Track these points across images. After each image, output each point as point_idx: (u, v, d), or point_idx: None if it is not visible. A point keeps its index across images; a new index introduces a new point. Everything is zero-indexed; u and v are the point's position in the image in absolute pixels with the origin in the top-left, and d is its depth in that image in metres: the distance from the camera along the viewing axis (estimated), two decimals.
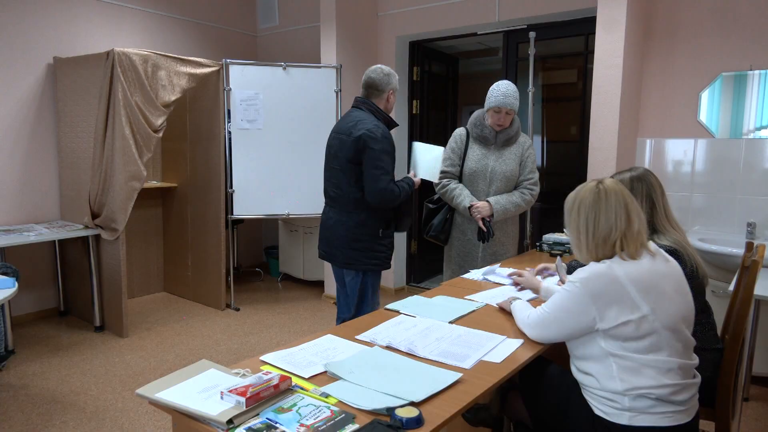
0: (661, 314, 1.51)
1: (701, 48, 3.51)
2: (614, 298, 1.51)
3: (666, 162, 3.71)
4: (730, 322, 2.02)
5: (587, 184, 1.67)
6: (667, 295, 1.55)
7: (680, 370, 1.53)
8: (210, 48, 5.45)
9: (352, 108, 2.83)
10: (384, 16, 4.95)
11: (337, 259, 2.81)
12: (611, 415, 1.53)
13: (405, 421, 1.23)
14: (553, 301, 1.66)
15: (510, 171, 2.96)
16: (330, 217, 2.81)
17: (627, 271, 1.53)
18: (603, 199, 1.60)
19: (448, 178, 3.02)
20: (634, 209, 1.61)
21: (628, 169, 2.09)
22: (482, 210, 2.88)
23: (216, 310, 4.60)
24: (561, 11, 3.98)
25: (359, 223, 2.71)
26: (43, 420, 2.80)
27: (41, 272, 4.34)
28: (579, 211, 1.63)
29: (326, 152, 2.84)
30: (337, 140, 2.73)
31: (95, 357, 3.59)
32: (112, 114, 3.78)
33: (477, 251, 3.02)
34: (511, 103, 2.85)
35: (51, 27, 4.24)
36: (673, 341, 1.53)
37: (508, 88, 2.86)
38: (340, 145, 2.71)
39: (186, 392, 1.35)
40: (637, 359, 1.50)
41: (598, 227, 1.59)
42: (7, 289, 2.62)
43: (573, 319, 1.58)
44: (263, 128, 4.51)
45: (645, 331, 1.50)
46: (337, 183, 2.74)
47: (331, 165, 2.77)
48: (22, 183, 4.17)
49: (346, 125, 2.71)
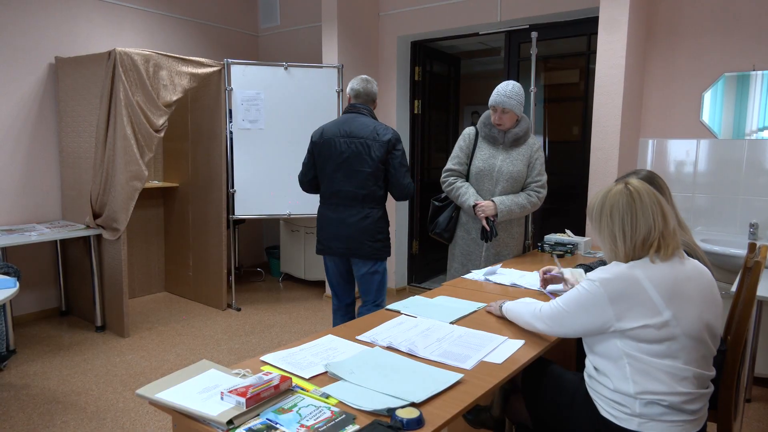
0: (683, 321, 1.46)
1: (704, 48, 3.50)
2: (634, 301, 1.47)
3: (668, 162, 3.70)
4: (732, 323, 2.01)
5: (614, 187, 1.59)
6: (692, 301, 1.49)
7: (695, 380, 1.49)
8: (211, 48, 5.45)
9: (354, 114, 2.99)
10: (385, 16, 4.95)
11: (362, 252, 2.98)
12: (620, 420, 1.49)
13: (405, 422, 1.23)
14: (569, 297, 1.61)
15: (517, 172, 2.94)
16: (351, 214, 2.96)
17: (651, 274, 1.48)
18: (637, 199, 1.53)
19: (455, 176, 3.02)
20: (666, 207, 1.55)
21: (632, 172, 2.07)
22: (486, 209, 2.86)
23: (217, 310, 4.60)
24: (563, 11, 3.97)
25: (381, 217, 3.01)
26: (44, 420, 2.80)
27: (43, 272, 4.35)
28: (612, 215, 1.55)
29: (333, 155, 2.95)
30: (357, 144, 2.91)
31: (96, 357, 3.60)
32: (113, 114, 3.78)
33: (480, 251, 3.01)
34: (505, 102, 2.82)
35: (52, 27, 4.25)
36: (691, 349, 1.48)
37: (507, 88, 2.84)
38: (364, 149, 2.90)
39: (186, 392, 1.34)
40: (652, 363, 1.46)
41: (637, 230, 1.52)
42: (8, 289, 2.62)
43: (588, 318, 1.54)
44: (264, 128, 4.51)
45: (664, 336, 1.45)
46: (362, 183, 2.93)
47: (354, 167, 2.92)
48: (24, 183, 4.18)
49: (366, 130, 2.91)
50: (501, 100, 2.83)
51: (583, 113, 4.19)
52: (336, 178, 2.96)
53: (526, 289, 2.36)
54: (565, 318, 1.61)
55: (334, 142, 2.93)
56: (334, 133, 2.94)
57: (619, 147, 3.37)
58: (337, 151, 2.93)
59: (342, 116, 3.05)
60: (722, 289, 3.02)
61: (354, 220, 2.96)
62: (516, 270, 2.68)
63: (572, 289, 1.63)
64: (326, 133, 2.98)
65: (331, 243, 3.03)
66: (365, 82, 3.04)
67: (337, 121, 3.03)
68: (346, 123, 2.96)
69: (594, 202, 1.62)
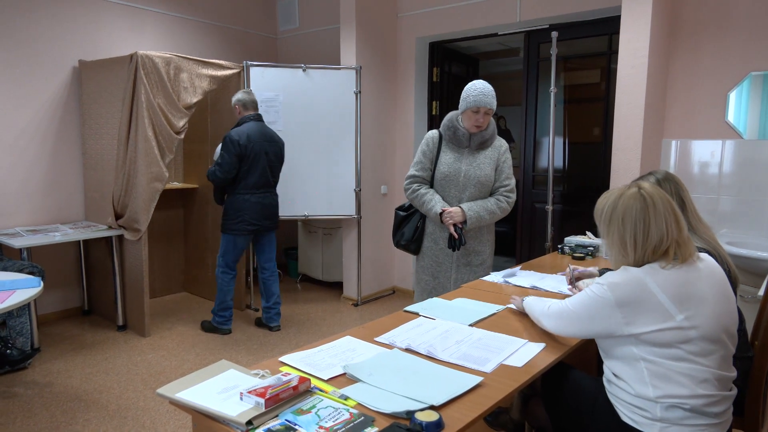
0: (699, 323, 1.43)
1: (729, 46, 3.43)
2: (643, 307, 1.44)
3: (692, 164, 3.63)
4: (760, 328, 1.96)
5: (627, 190, 1.54)
6: (706, 302, 1.46)
7: (717, 382, 1.46)
8: (231, 50, 5.50)
9: (258, 122, 3.87)
10: (404, 17, 4.94)
11: (273, 225, 4.04)
12: (641, 425, 1.47)
13: (425, 425, 1.21)
14: (578, 299, 1.59)
15: (485, 176, 2.77)
16: (270, 196, 3.98)
17: (660, 279, 1.45)
18: (651, 206, 1.49)
19: (418, 182, 2.85)
20: (680, 213, 1.52)
21: (648, 173, 2.03)
22: (454, 216, 2.70)
23: (235, 311, 4.62)
24: (584, 10, 3.92)
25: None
26: (67, 417, 2.84)
27: (66, 272, 4.42)
28: (623, 221, 1.51)
29: (258, 154, 3.81)
30: (274, 146, 3.92)
31: (118, 356, 3.64)
32: (135, 116, 3.83)
33: (451, 261, 2.85)
34: (489, 102, 2.69)
35: (76, 31, 4.33)
36: (710, 351, 1.45)
37: (486, 87, 2.72)
38: (277, 149, 3.96)
39: (206, 392, 1.35)
40: (671, 366, 1.43)
41: (649, 237, 1.48)
42: (32, 289, 2.66)
43: (595, 321, 1.53)
44: (283, 129, 4.53)
45: (679, 339, 1.42)
46: (274, 173, 3.98)
47: (272, 163, 3.92)
48: (48, 184, 4.26)
49: (273, 136, 3.95)
50: (487, 100, 2.69)
51: (605, 114, 4.13)
52: (258, 172, 3.82)
53: (546, 291, 2.33)
54: (572, 318, 1.60)
55: (261, 144, 3.81)
56: (259, 138, 3.80)
57: (641, 148, 3.31)
58: (263, 153, 3.83)
59: (254, 123, 3.83)
60: (749, 293, 2.97)
61: (273, 201, 4.00)
62: (536, 272, 2.65)
63: (582, 291, 1.61)
64: (252, 138, 3.77)
65: (257, 221, 3.88)
66: (249, 94, 3.93)
67: (254, 128, 3.81)
68: (260, 130, 3.84)
69: (604, 205, 1.57)
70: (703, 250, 1.81)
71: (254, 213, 3.85)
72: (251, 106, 3.88)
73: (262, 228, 3.93)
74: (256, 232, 3.94)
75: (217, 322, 4.05)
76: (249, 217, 3.84)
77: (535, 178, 4.64)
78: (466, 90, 2.76)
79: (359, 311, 4.72)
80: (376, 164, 4.98)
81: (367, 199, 4.89)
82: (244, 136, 3.73)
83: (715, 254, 1.82)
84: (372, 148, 4.90)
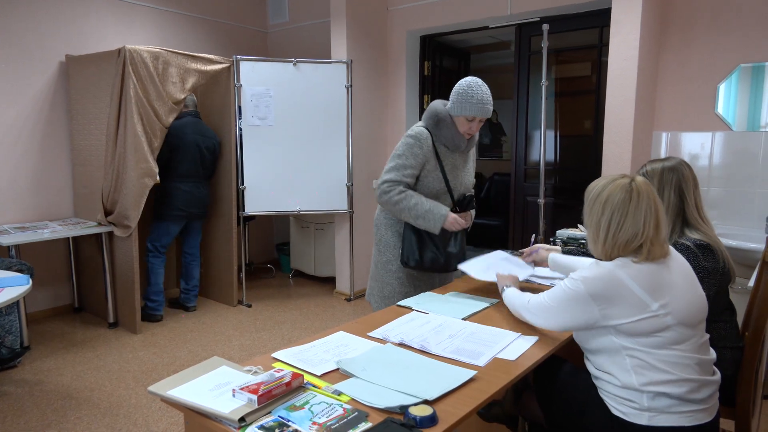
0: (674, 310, 1.47)
1: (719, 39, 3.44)
2: (618, 299, 1.47)
3: (682, 155, 3.64)
4: (750, 319, 1.98)
5: (619, 180, 1.55)
6: (679, 290, 1.50)
7: (698, 366, 1.50)
8: (220, 44, 5.45)
9: (195, 119, 4.25)
10: (394, 11, 4.92)
11: (201, 214, 4.36)
12: (630, 416, 1.49)
13: (419, 420, 1.21)
14: (554, 294, 1.62)
15: (473, 183, 2.57)
16: (201, 187, 4.29)
17: (633, 272, 1.48)
18: (634, 200, 1.50)
19: (403, 186, 2.38)
20: (662, 215, 1.53)
21: (662, 158, 2.02)
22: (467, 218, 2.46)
23: (228, 307, 4.61)
24: (575, 3, 3.92)
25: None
26: (58, 416, 2.82)
27: (55, 269, 4.38)
28: (604, 206, 1.53)
29: (189, 145, 4.13)
30: (211, 142, 4.28)
31: (109, 353, 3.62)
32: (123, 111, 3.79)
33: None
34: (489, 111, 2.36)
35: (63, 25, 4.26)
36: (688, 336, 1.49)
37: (485, 95, 2.35)
38: (210, 144, 4.27)
39: (198, 389, 1.34)
40: (651, 353, 1.47)
41: (622, 230, 1.50)
42: (21, 286, 2.64)
43: (572, 314, 1.56)
44: (274, 124, 4.50)
45: (657, 327, 1.46)
46: (206, 166, 4.29)
47: (204, 156, 4.24)
48: (36, 180, 4.21)
49: (207, 132, 4.30)
50: (487, 110, 2.35)
51: (596, 107, 4.14)
52: (195, 164, 4.18)
53: (540, 285, 2.34)
54: (550, 312, 1.63)
55: (200, 140, 4.18)
56: (192, 132, 4.15)
57: (632, 140, 3.32)
58: (201, 147, 4.20)
59: (191, 119, 4.20)
60: (739, 284, 2.99)
61: (205, 191, 4.35)
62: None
63: (557, 285, 1.64)
64: (185, 131, 4.11)
65: (189, 208, 4.20)
66: (191, 96, 4.27)
67: (190, 123, 4.17)
68: (196, 126, 4.20)
69: (595, 186, 1.60)
70: (702, 243, 1.82)
71: (184, 201, 4.17)
72: (191, 105, 4.27)
73: (191, 216, 4.26)
74: (187, 218, 4.27)
75: (150, 308, 4.21)
76: (180, 203, 4.16)
77: (527, 172, 4.64)
78: (463, 93, 2.35)
79: (352, 306, 4.72)
80: (368, 159, 4.97)
81: (359, 194, 4.88)
82: (178, 128, 4.09)
83: (714, 248, 1.83)
84: (363, 142, 4.89)
